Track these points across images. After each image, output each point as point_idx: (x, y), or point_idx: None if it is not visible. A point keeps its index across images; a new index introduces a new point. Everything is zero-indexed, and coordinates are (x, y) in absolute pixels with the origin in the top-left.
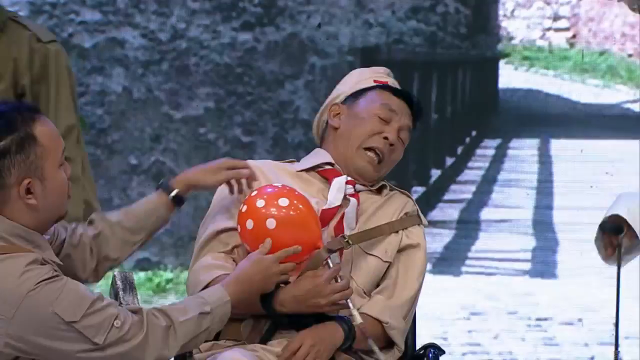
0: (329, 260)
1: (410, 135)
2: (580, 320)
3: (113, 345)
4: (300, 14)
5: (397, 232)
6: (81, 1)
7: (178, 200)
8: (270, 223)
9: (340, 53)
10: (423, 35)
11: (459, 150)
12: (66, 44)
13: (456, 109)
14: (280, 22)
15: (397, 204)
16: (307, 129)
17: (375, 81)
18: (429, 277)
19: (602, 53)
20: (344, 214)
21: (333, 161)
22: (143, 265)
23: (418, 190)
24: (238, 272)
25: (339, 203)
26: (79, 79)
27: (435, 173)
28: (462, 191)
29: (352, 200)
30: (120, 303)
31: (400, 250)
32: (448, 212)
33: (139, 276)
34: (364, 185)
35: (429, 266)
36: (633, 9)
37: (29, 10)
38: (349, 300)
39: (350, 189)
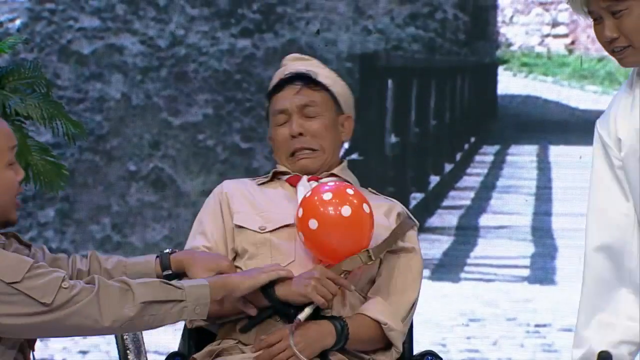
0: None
1: (327, 91)
2: None
3: (64, 306)
4: (299, 21)
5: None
6: (80, 8)
7: (170, 277)
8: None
9: (339, 59)
10: (422, 41)
11: (458, 156)
12: (65, 50)
13: (455, 116)
14: (279, 29)
15: (383, 204)
16: None
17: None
18: (427, 283)
19: (600, 59)
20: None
21: (289, 171)
22: None
23: (417, 196)
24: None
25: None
26: (77, 85)
27: (434, 179)
28: (461, 197)
29: (312, 183)
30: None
31: (394, 252)
32: (447, 218)
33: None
34: (330, 178)
35: (427, 272)
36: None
37: (27, 16)
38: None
39: (314, 185)
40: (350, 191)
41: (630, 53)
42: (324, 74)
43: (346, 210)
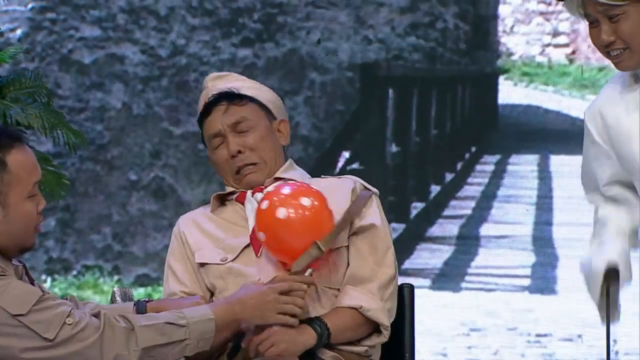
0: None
1: (255, 102)
2: (580, 336)
3: (66, 343)
4: (299, 30)
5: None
6: (81, 17)
7: None
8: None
9: (339, 69)
10: (422, 51)
11: (459, 166)
12: (66, 60)
13: (455, 125)
14: (280, 38)
15: (334, 185)
16: (307, 144)
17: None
18: (428, 293)
19: (601, 69)
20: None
21: (236, 190)
22: (142, 281)
23: (417, 205)
24: (229, 295)
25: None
26: (78, 94)
27: (435, 189)
28: (462, 207)
29: (257, 195)
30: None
31: (356, 234)
32: (447, 228)
33: (138, 292)
34: (275, 183)
35: (428, 282)
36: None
37: (28, 26)
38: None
39: (259, 195)
40: (285, 190)
41: (627, 56)
42: (247, 86)
43: (281, 212)
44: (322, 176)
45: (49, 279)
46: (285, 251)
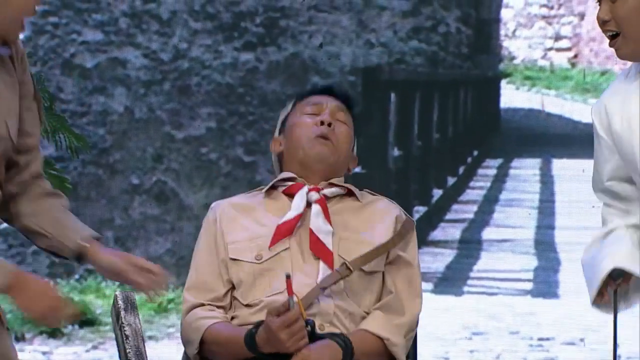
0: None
1: (352, 119)
2: (582, 340)
3: None
4: (302, 34)
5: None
6: (83, 21)
7: (80, 256)
8: None
9: (342, 73)
10: (425, 55)
11: (461, 169)
12: (68, 64)
13: (458, 129)
14: (282, 42)
15: (381, 207)
16: None
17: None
18: (430, 297)
19: (603, 73)
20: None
21: (295, 176)
22: None
23: (420, 209)
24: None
25: (300, 211)
26: (80, 98)
27: (437, 193)
28: (464, 211)
29: (315, 206)
30: (122, 323)
31: (393, 263)
32: (450, 231)
33: (140, 296)
34: (330, 188)
35: (430, 286)
36: None
37: (30, 30)
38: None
39: (314, 196)
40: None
41: (622, 43)
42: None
43: None
44: (365, 190)
45: (51, 283)
46: None
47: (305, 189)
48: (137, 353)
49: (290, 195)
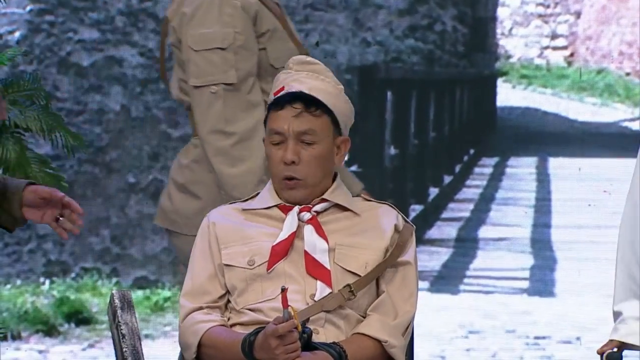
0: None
1: (326, 109)
2: (578, 338)
3: None
4: (298, 32)
5: (387, 251)
6: (79, 20)
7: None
8: None
9: (338, 71)
10: (421, 53)
11: (457, 168)
12: (64, 62)
13: (454, 127)
14: None
15: (378, 215)
16: None
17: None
18: (426, 295)
19: (599, 71)
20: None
21: (282, 203)
22: (141, 283)
23: (416, 208)
24: None
25: (293, 230)
26: (76, 97)
27: (433, 191)
28: (460, 209)
29: (307, 227)
30: (119, 322)
31: (391, 265)
32: (446, 230)
33: (136, 295)
34: (322, 204)
35: (426, 284)
36: None
37: (27, 28)
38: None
39: (306, 216)
40: None
41: None
42: (328, 90)
43: None
44: (362, 194)
45: (47, 281)
46: None
47: (296, 209)
48: (134, 352)
49: (283, 211)
